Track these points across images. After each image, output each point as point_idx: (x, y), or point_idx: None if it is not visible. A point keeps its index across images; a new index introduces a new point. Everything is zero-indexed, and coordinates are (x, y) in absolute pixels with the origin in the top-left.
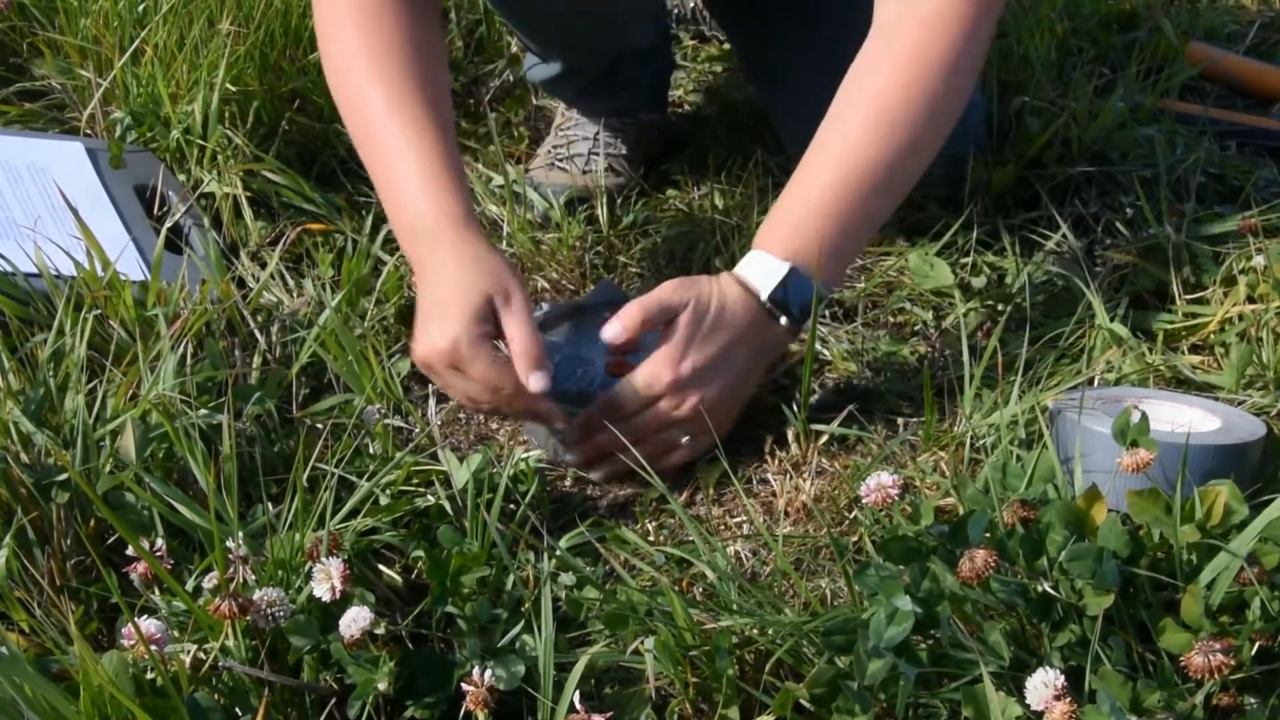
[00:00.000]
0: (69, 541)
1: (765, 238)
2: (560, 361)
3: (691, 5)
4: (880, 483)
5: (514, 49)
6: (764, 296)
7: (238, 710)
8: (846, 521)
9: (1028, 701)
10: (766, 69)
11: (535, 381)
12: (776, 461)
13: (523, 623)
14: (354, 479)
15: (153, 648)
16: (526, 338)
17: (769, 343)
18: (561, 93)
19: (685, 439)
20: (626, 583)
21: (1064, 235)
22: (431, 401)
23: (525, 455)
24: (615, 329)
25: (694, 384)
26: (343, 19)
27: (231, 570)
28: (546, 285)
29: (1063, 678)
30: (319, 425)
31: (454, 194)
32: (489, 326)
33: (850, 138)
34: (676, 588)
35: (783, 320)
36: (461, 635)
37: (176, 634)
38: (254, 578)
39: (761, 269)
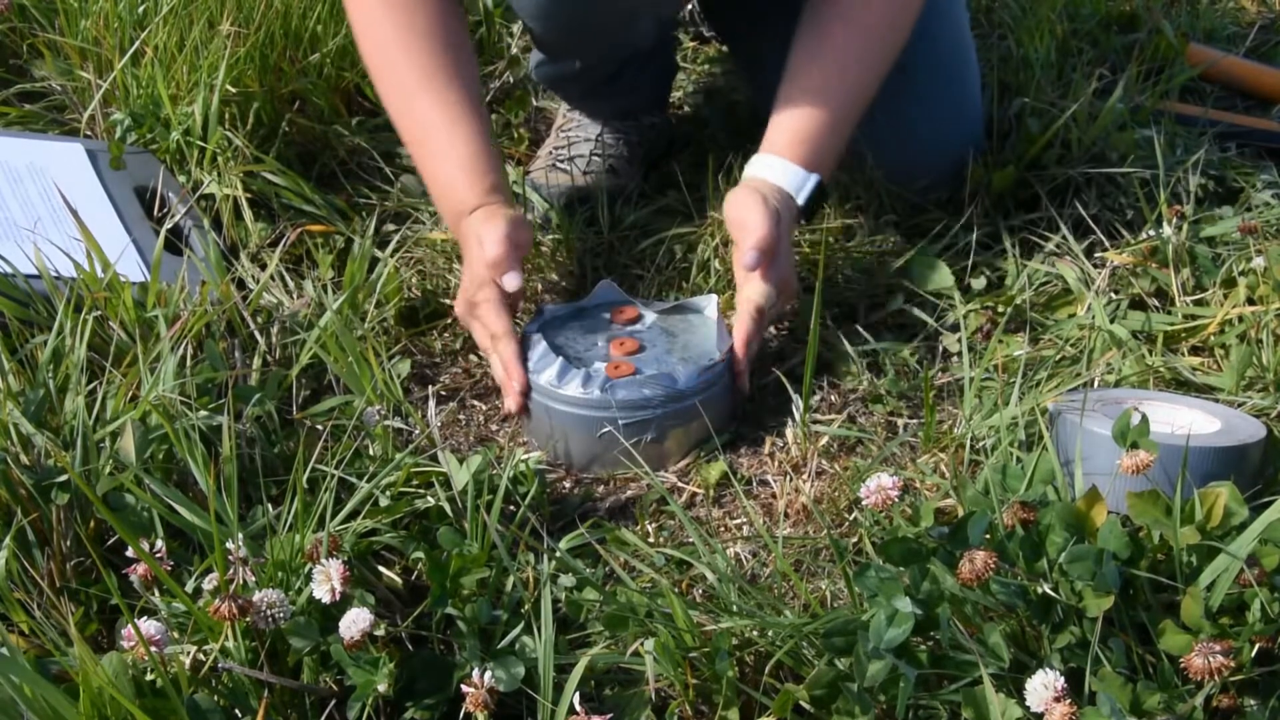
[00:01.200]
0: (69, 543)
1: (789, 147)
2: (561, 362)
3: (689, 7)
4: (880, 484)
5: (514, 50)
6: (800, 202)
7: (237, 711)
8: (846, 523)
9: (1028, 703)
10: (762, 70)
11: (510, 280)
12: (776, 463)
13: (523, 624)
14: (354, 480)
15: (152, 649)
16: (511, 271)
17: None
18: (565, 93)
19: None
20: (626, 584)
21: (1064, 236)
22: (431, 403)
23: (525, 457)
24: (756, 258)
25: (790, 270)
26: (373, 4)
27: (231, 572)
28: (546, 286)
29: (1063, 679)
30: (319, 426)
31: (487, 171)
32: (494, 285)
33: (845, 64)
34: (676, 589)
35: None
36: (461, 637)
37: (176, 635)
38: (254, 579)
39: (792, 178)
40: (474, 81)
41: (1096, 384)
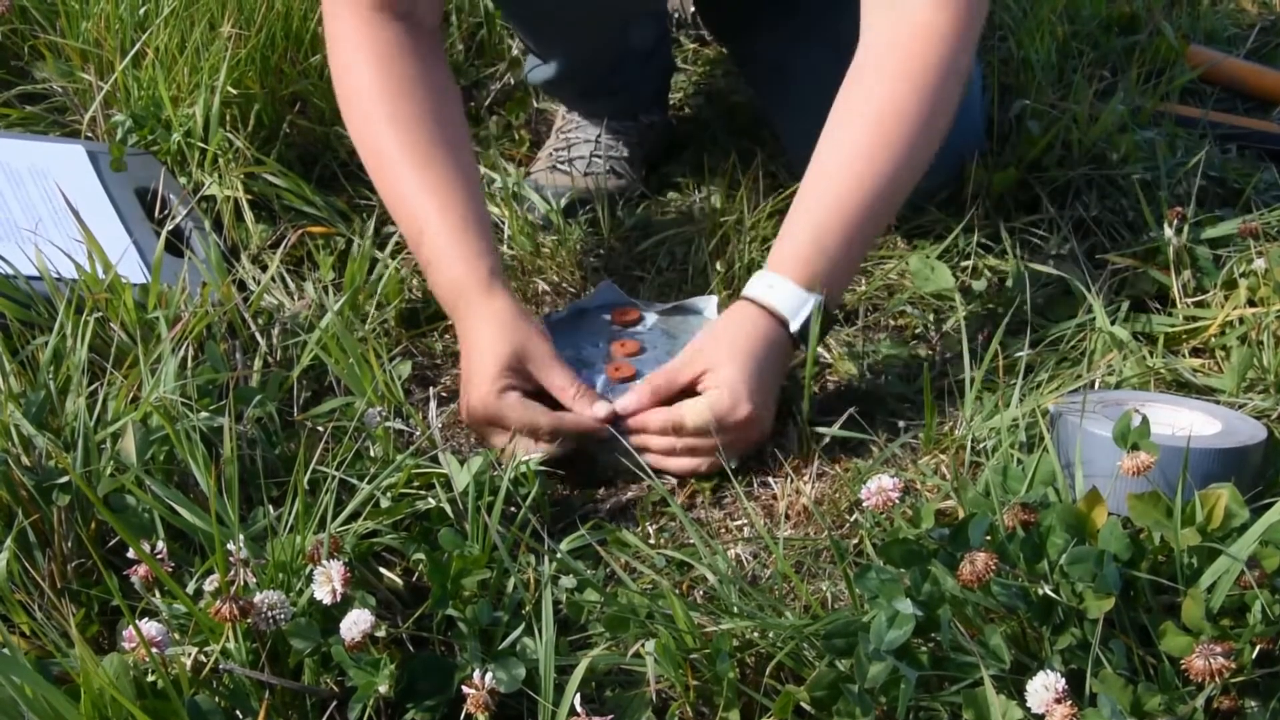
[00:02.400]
0: (70, 544)
1: (785, 264)
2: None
3: (691, 10)
4: (881, 485)
5: (515, 52)
6: (793, 329)
7: (238, 713)
8: (847, 524)
9: (1028, 704)
10: (763, 72)
11: (600, 409)
12: (777, 464)
13: (523, 625)
14: (355, 482)
15: (153, 650)
16: (563, 377)
17: (789, 361)
18: (562, 95)
19: (723, 456)
20: (627, 585)
21: (1065, 238)
22: (432, 404)
23: (526, 458)
24: (626, 403)
25: (760, 412)
26: (360, 63)
27: (232, 573)
28: (547, 288)
29: (1063, 681)
30: (320, 428)
31: (480, 254)
32: (514, 380)
33: (850, 160)
34: (677, 590)
35: (801, 346)
36: (462, 638)
37: (177, 636)
38: (255, 580)
39: (787, 299)
40: (468, 160)
41: (1097, 385)
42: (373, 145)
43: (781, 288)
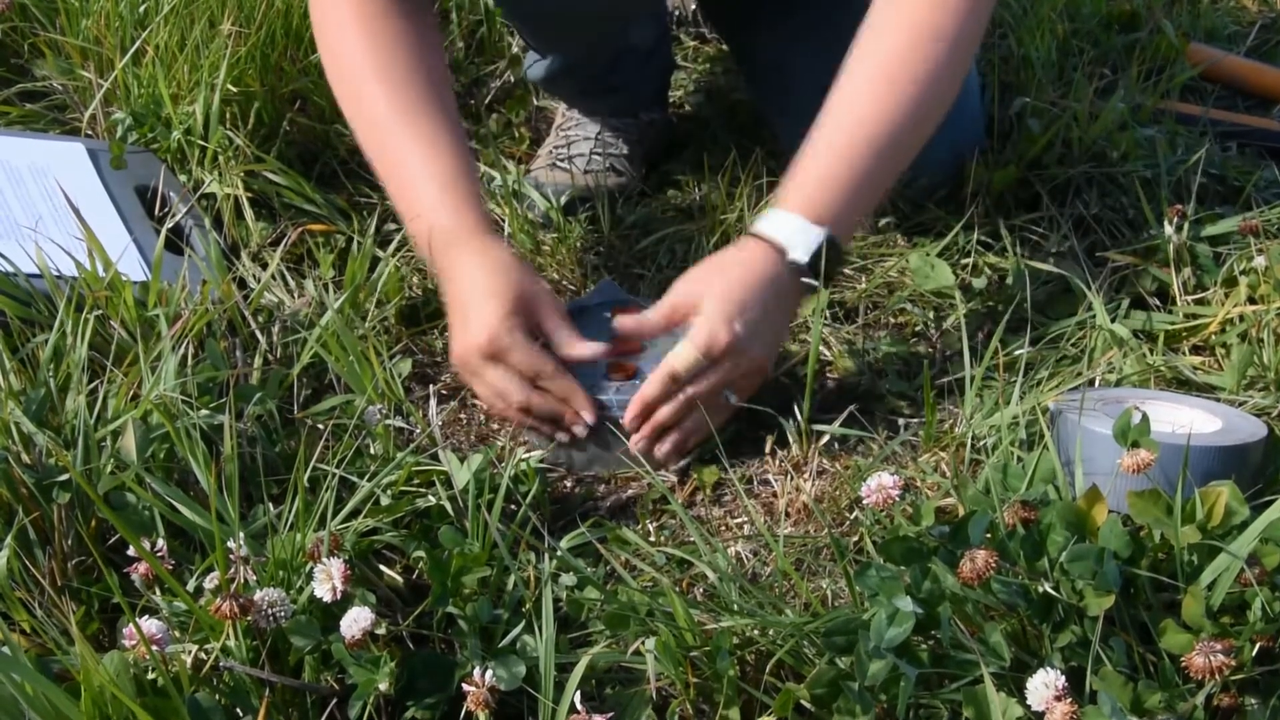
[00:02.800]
0: (70, 542)
1: (791, 199)
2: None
3: (692, 8)
4: (881, 483)
5: (515, 49)
6: (802, 260)
7: (239, 710)
8: (847, 522)
9: (1029, 702)
10: (762, 71)
11: (589, 348)
12: (777, 462)
13: (524, 623)
14: (355, 479)
15: (154, 648)
16: (561, 324)
17: (796, 299)
18: (561, 91)
19: (732, 399)
20: (627, 583)
21: (1065, 236)
22: (432, 402)
23: (526, 456)
24: (629, 324)
25: (746, 342)
26: (345, 20)
27: (232, 570)
28: (547, 286)
29: (1063, 678)
30: (320, 426)
31: (472, 204)
32: (523, 319)
33: (859, 103)
34: (677, 588)
35: (805, 279)
36: (462, 635)
37: (177, 634)
38: (255, 578)
39: (792, 231)
40: (454, 115)
41: (1097, 383)
42: (360, 101)
43: (781, 219)
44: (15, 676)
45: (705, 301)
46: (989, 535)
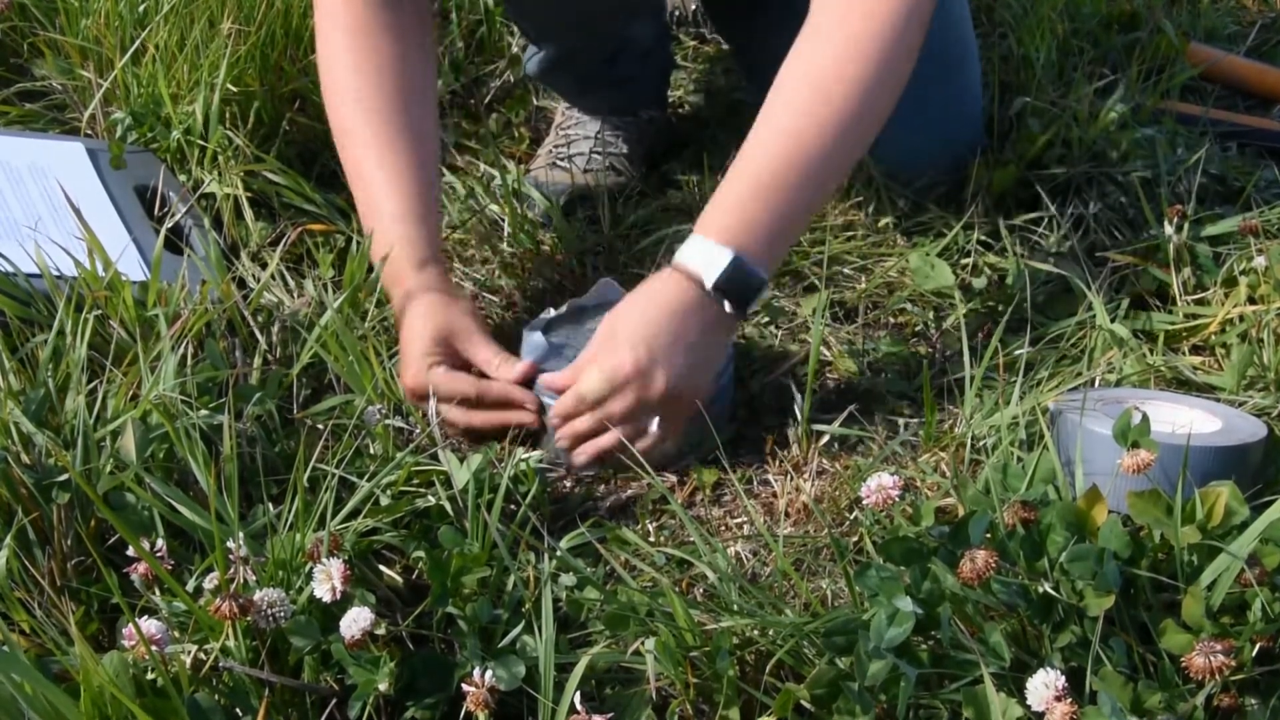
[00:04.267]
0: (69, 542)
1: (706, 223)
2: (561, 363)
3: (693, 8)
4: (881, 483)
5: (514, 49)
6: (708, 285)
7: (238, 711)
8: (847, 522)
9: (1028, 702)
10: (766, 71)
11: (519, 368)
12: (777, 462)
13: (523, 623)
14: (355, 479)
15: (153, 648)
16: (487, 350)
17: (718, 326)
18: (559, 84)
19: (654, 425)
20: (627, 583)
21: (1064, 236)
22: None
23: (525, 456)
24: (552, 379)
25: (652, 370)
26: (335, 41)
27: (232, 571)
28: (546, 285)
29: (1063, 679)
30: (320, 426)
31: (418, 239)
32: (442, 355)
33: (786, 123)
34: (677, 588)
35: (726, 305)
36: (462, 636)
37: (177, 634)
38: (254, 578)
39: (703, 256)
40: (428, 139)
41: (1097, 383)
42: (338, 118)
43: (695, 245)
44: (15, 676)
45: (617, 330)
46: (989, 535)
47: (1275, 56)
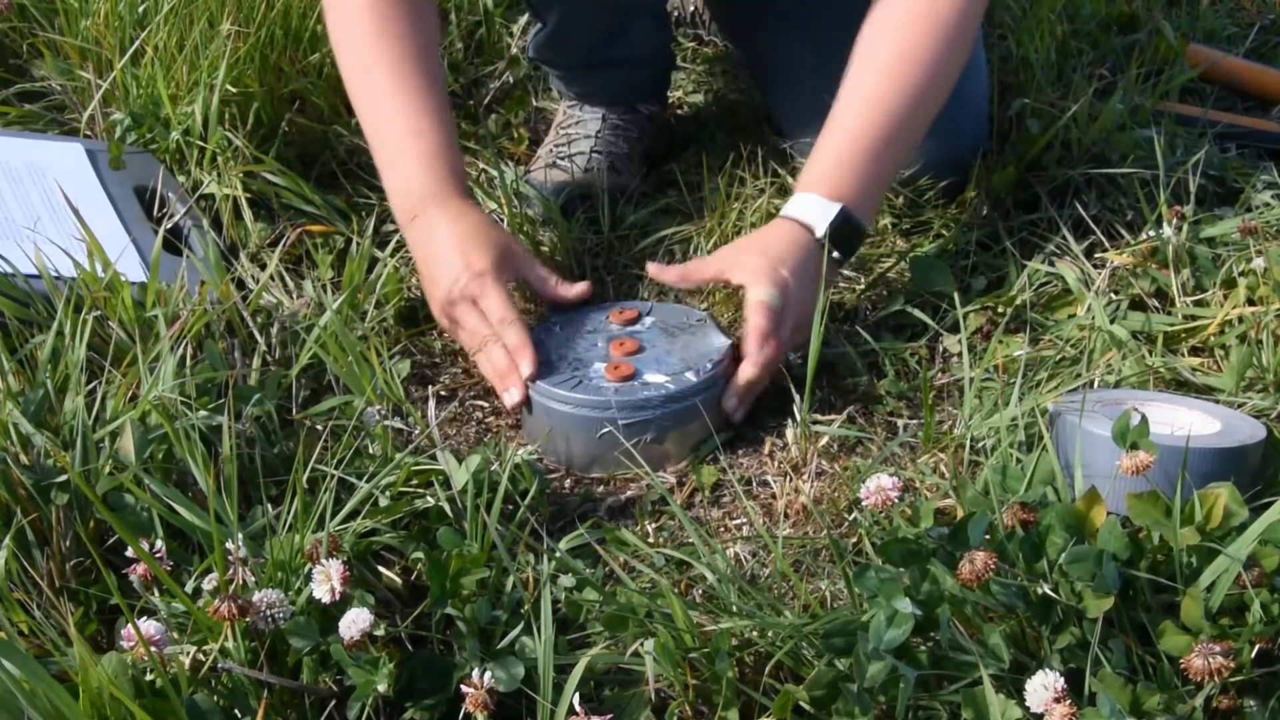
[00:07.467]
0: (68, 543)
1: (808, 181)
2: (558, 362)
3: (692, 8)
4: (880, 485)
5: (514, 50)
6: (819, 234)
7: (237, 712)
8: (846, 523)
9: (1028, 704)
10: (771, 71)
11: (576, 289)
12: (776, 463)
13: (522, 624)
14: (354, 480)
15: (152, 649)
16: (544, 269)
17: (823, 270)
18: (559, 63)
19: (794, 356)
20: (626, 584)
21: (1064, 237)
22: (431, 403)
23: (525, 456)
24: (666, 274)
25: (798, 290)
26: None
27: (231, 572)
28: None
29: (1062, 680)
30: (319, 427)
31: (457, 175)
32: (509, 272)
33: (876, 90)
34: (676, 589)
35: (834, 253)
36: (461, 637)
37: (176, 635)
38: (253, 579)
39: (812, 209)
40: (442, 84)
41: (1096, 385)
42: (357, 54)
43: (801, 200)
44: (14, 673)
45: (749, 257)
46: (988, 537)
47: (1274, 58)
